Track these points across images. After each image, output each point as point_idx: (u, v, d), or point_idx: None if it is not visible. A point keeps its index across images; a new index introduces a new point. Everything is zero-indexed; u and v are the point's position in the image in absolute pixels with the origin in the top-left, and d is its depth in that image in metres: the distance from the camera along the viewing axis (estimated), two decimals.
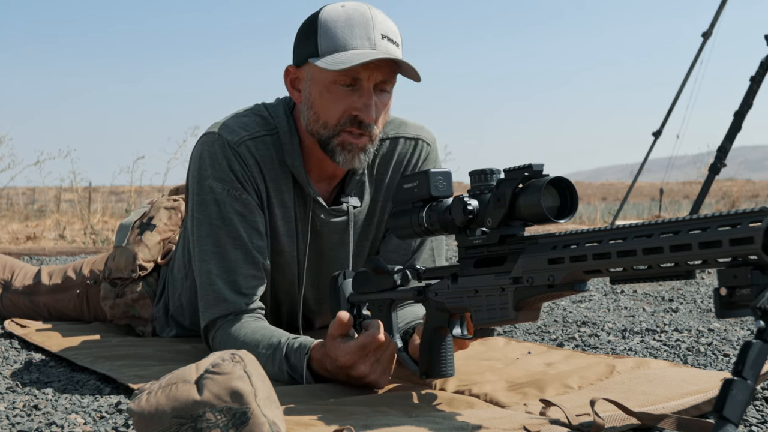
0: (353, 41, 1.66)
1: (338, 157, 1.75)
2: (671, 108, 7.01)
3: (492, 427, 1.24)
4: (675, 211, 10.03)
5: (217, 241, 1.77)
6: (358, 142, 1.73)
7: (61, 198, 9.87)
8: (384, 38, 1.68)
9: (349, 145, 1.73)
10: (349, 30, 1.67)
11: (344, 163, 1.75)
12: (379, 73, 1.68)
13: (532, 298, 1.27)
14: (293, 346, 1.58)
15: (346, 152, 1.74)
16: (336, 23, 1.68)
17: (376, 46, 1.67)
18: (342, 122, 1.71)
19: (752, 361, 0.92)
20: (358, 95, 1.69)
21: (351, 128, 1.71)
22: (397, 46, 1.72)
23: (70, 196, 9.09)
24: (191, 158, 1.85)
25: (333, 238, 1.91)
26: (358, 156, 1.74)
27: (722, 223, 0.99)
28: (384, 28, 1.69)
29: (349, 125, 1.71)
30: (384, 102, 1.73)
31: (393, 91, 1.76)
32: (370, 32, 1.67)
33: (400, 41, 1.73)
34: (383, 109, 1.74)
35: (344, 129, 1.72)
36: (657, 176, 10.83)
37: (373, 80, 1.69)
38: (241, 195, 1.78)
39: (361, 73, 1.67)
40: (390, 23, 1.72)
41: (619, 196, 15.23)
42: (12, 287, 2.59)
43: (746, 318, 2.28)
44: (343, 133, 1.72)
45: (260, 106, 1.89)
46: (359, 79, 1.68)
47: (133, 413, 1.12)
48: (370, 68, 1.67)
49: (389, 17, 1.74)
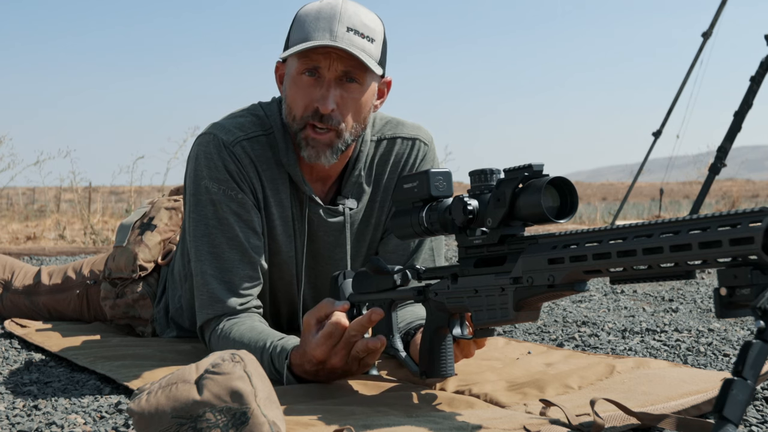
0: (315, 32, 1.68)
1: (304, 152, 1.76)
2: (671, 108, 7.01)
3: (492, 427, 1.24)
4: (675, 211, 10.03)
5: (212, 241, 1.78)
6: (322, 138, 1.73)
7: (61, 198, 9.86)
8: (350, 31, 1.68)
9: (312, 141, 1.74)
10: (315, 22, 1.69)
11: (309, 158, 1.76)
12: (341, 64, 1.69)
13: (532, 298, 1.27)
14: (276, 350, 1.57)
15: (311, 147, 1.75)
16: (307, 16, 1.71)
17: (336, 38, 1.67)
18: (305, 115, 1.73)
19: (752, 361, 0.92)
20: (320, 86, 1.71)
21: (314, 122, 1.72)
22: (369, 40, 1.71)
23: (70, 196, 9.09)
24: (188, 159, 1.86)
25: (329, 239, 1.90)
26: (324, 152, 1.75)
27: (722, 223, 0.99)
28: (353, 21, 1.70)
29: (312, 119, 1.72)
30: (353, 96, 1.73)
31: (373, 87, 1.76)
32: (333, 24, 1.68)
33: (377, 36, 1.73)
34: (351, 103, 1.73)
35: (308, 123, 1.73)
36: (657, 176, 10.83)
37: (334, 71, 1.69)
38: (236, 195, 1.78)
39: (321, 62, 1.69)
40: (364, 18, 1.71)
41: (619, 196, 15.23)
42: (12, 287, 2.59)
43: (746, 318, 2.28)
44: (308, 128, 1.73)
45: (256, 106, 1.89)
46: (320, 68, 1.69)
47: (133, 413, 1.12)
48: (330, 58, 1.68)
49: (372, 13, 1.74)
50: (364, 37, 1.70)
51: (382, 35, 1.75)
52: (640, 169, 7.48)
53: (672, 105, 7.01)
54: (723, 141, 5.70)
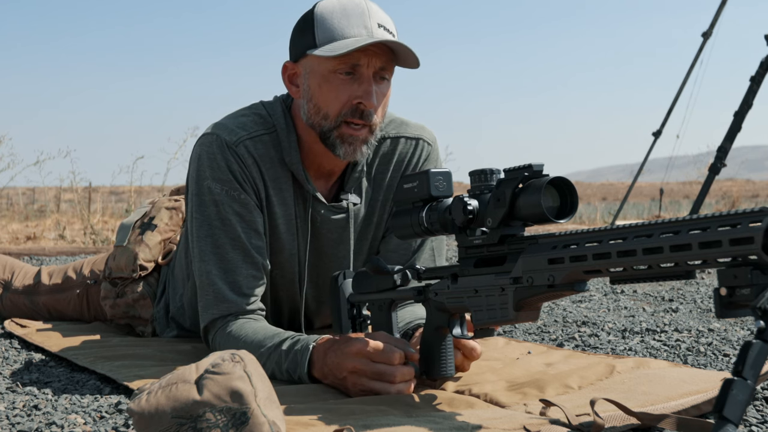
0: (350, 29, 1.68)
1: (339, 150, 1.75)
2: (671, 108, 7.01)
3: (492, 427, 1.24)
4: (675, 211, 10.04)
5: (216, 241, 1.77)
6: (359, 134, 1.73)
7: (61, 198, 9.86)
8: (380, 27, 1.70)
9: (349, 138, 1.73)
10: (346, 19, 1.69)
11: (345, 155, 1.75)
12: (378, 60, 1.69)
13: (532, 298, 1.27)
14: (294, 345, 1.57)
15: (347, 144, 1.74)
16: (332, 14, 1.70)
17: (373, 34, 1.68)
18: (344, 113, 1.71)
19: (752, 361, 0.92)
20: (358, 83, 1.70)
21: (352, 119, 1.72)
22: (393, 36, 1.72)
23: (70, 196, 9.09)
24: (190, 159, 1.86)
25: (332, 236, 1.90)
26: (360, 148, 1.75)
27: (722, 223, 0.99)
28: (379, 17, 1.71)
29: (350, 116, 1.72)
30: (383, 91, 1.74)
31: (392, 83, 1.77)
32: (366, 21, 1.69)
33: (395, 32, 1.74)
34: (383, 99, 1.74)
35: (345, 120, 1.72)
36: (657, 176, 10.83)
37: (373, 67, 1.70)
38: (239, 195, 1.78)
39: (361, 59, 1.68)
40: (384, 14, 1.73)
41: (619, 196, 15.23)
42: (12, 287, 2.59)
43: (746, 318, 2.28)
44: (343, 125, 1.73)
45: (258, 105, 1.89)
46: (359, 66, 1.69)
47: (133, 413, 1.12)
48: (368, 55, 1.68)
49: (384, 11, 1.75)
50: (390, 33, 1.72)
51: None
52: (640, 169, 7.48)
53: (672, 105, 7.01)
54: (723, 141, 5.70)
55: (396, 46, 1.68)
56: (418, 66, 1.73)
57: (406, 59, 1.71)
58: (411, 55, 1.69)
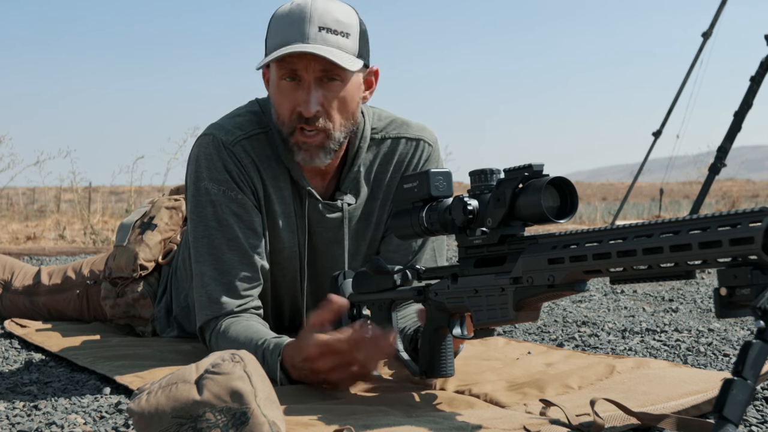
0: (288, 36, 1.68)
1: (297, 156, 1.77)
2: (671, 108, 7.01)
3: (492, 427, 1.24)
4: (675, 211, 10.04)
5: (212, 242, 1.78)
6: (313, 141, 1.73)
7: (61, 198, 9.86)
8: (322, 30, 1.68)
9: (304, 144, 1.74)
10: (288, 26, 1.69)
11: (304, 161, 1.77)
12: (317, 65, 1.68)
13: (532, 298, 1.27)
14: (270, 347, 1.57)
15: (304, 151, 1.75)
16: (279, 21, 1.71)
17: (309, 40, 1.67)
18: (292, 119, 1.73)
19: (752, 361, 0.92)
20: (300, 90, 1.71)
21: (301, 125, 1.72)
22: (344, 35, 1.70)
23: (70, 196, 9.09)
24: (188, 160, 1.86)
25: (327, 235, 1.90)
26: (317, 154, 1.75)
27: (722, 223, 0.99)
28: (324, 19, 1.68)
29: (298, 122, 1.72)
30: (335, 93, 1.71)
31: (359, 80, 1.76)
32: (304, 26, 1.68)
33: (352, 29, 1.71)
34: (335, 101, 1.72)
35: (296, 127, 1.73)
36: (657, 176, 10.83)
37: (312, 72, 1.69)
38: (236, 195, 1.78)
39: (297, 65, 1.68)
40: (336, 13, 1.70)
41: (619, 196, 15.23)
42: (12, 287, 2.59)
43: (746, 318, 2.28)
44: (297, 132, 1.73)
45: (254, 102, 1.90)
46: (297, 71, 1.69)
47: (133, 413, 1.12)
48: (306, 60, 1.68)
49: (343, 5, 1.73)
50: (338, 33, 1.69)
51: (358, 27, 1.73)
52: (640, 169, 7.48)
53: (672, 105, 7.01)
54: (723, 141, 5.70)
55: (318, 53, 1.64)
56: (365, 65, 1.73)
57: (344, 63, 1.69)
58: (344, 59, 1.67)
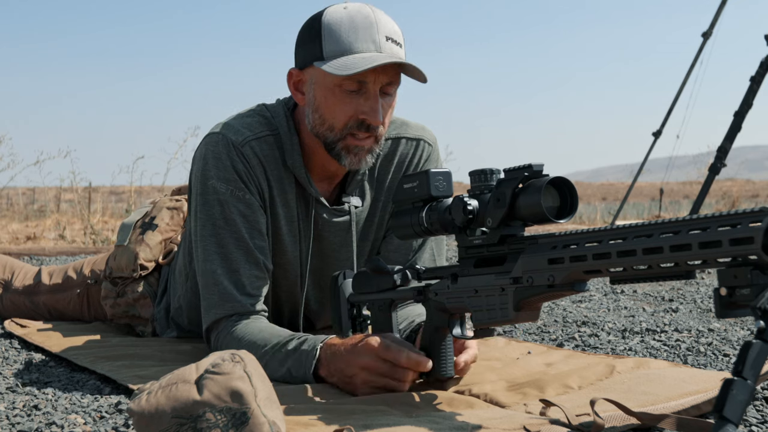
0: (358, 44, 1.66)
1: (344, 160, 1.75)
2: (671, 108, 7.00)
3: (492, 427, 1.24)
4: (675, 211, 10.03)
5: (220, 241, 1.77)
6: (364, 144, 1.74)
7: (61, 198, 9.86)
8: (388, 40, 1.69)
9: (355, 148, 1.74)
10: (354, 33, 1.67)
11: (351, 165, 1.76)
12: (385, 76, 1.68)
13: (532, 298, 1.27)
14: (302, 345, 1.57)
15: (353, 155, 1.74)
16: (340, 26, 1.68)
17: (381, 49, 1.67)
18: (349, 126, 1.71)
19: (752, 361, 0.92)
20: (365, 98, 1.69)
21: (357, 131, 1.72)
22: (401, 46, 1.72)
23: (70, 196, 9.09)
24: (194, 158, 1.85)
25: (335, 239, 1.90)
26: (364, 158, 1.76)
27: (722, 223, 0.99)
28: (387, 29, 1.70)
29: (356, 129, 1.71)
30: (389, 103, 1.74)
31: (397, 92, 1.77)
32: (374, 35, 1.67)
33: (402, 42, 1.73)
34: (389, 110, 1.74)
35: (350, 132, 1.72)
36: (657, 176, 10.83)
37: (379, 83, 1.69)
38: (244, 195, 1.78)
39: (368, 76, 1.67)
40: (393, 24, 1.72)
41: (619, 196, 15.22)
42: (12, 287, 2.59)
43: (746, 318, 2.28)
44: (349, 137, 1.73)
45: (262, 107, 1.89)
46: (365, 83, 1.68)
47: (133, 413, 1.12)
48: (376, 71, 1.67)
49: (391, 17, 1.74)
50: (397, 44, 1.71)
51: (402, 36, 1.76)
52: (640, 169, 7.48)
53: (672, 105, 7.00)
54: (723, 141, 5.69)
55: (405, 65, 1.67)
56: (426, 81, 1.72)
57: (413, 73, 1.71)
58: (419, 71, 1.68)
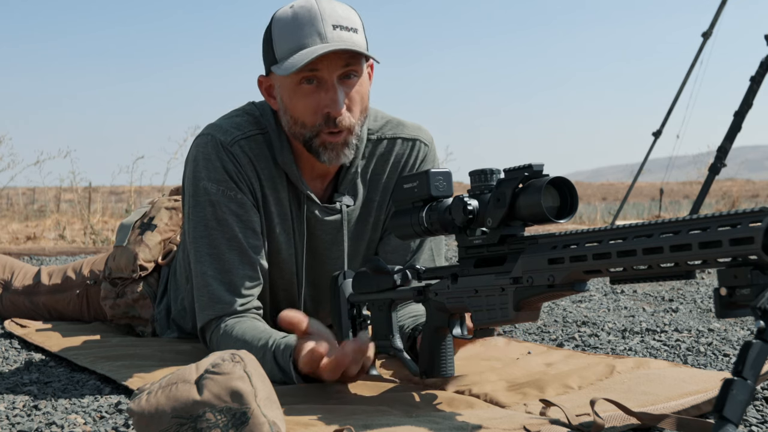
0: (304, 40, 1.67)
1: (323, 157, 1.76)
2: (671, 108, 7.00)
3: (492, 427, 1.24)
4: (675, 211, 10.03)
5: (212, 242, 1.78)
6: (337, 140, 1.73)
7: (61, 198, 9.86)
8: (336, 28, 1.68)
9: (330, 144, 1.74)
10: (299, 29, 1.68)
11: (330, 161, 1.76)
12: (339, 63, 1.68)
13: (532, 298, 1.27)
14: (280, 347, 1.57)
15: (330, 151, 1.75)
16: (285, 26, 1.70)
17: (327, 39, 1.67)
18: (318, 123, 1.72)
19: (752, 361, 0.92)
20: (324, 91, 1.70)
21: (326, 127, 1.72)
22: (355, 31, 1.71)
23: (70, 196, 9.09)
24: (186, 161, 1.86)
25: (326, 237, 1.90)
26: (342, 152, 1.75)
27: (722, 223, 0.99)
28: (334, 17, 1.69)
29: (325, 125, 1.72)
30: (355, 90, 1.72)
31: (367, 74, 1.77)
32: (318, 26, 1.67)
33: (358, 24, 1.72)
34: (356, 96, 1.73)
35: (322, 130, 1.72)
36: (657, 176, 10.83)
37: (334, 71, 1.69)
38: (236, 195, 1.78)
39: (319, 66, 1.67)
40: (342, 10, 1.71)
41: (619, 196, 15.22)
42: (12, 287, 2.59)
43: (746, 318, 2.28)
44: (322, 133, 1.73)
45: (251, 105, 1.90)
46: (318, 72, 1.68)
47: (133, 413, 1.12)
48: (327, 60, 1.67)
49: (344, 3, 1.74)
50: (350, 30, 1.70)
51: (361, 22, 1.75)
52: (640, 169, 7.48)
53: (672, 105, 7.00)
54: (723, 141, 5.69)
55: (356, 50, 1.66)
56: (378, 62, 1.74)
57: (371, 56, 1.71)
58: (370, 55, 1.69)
